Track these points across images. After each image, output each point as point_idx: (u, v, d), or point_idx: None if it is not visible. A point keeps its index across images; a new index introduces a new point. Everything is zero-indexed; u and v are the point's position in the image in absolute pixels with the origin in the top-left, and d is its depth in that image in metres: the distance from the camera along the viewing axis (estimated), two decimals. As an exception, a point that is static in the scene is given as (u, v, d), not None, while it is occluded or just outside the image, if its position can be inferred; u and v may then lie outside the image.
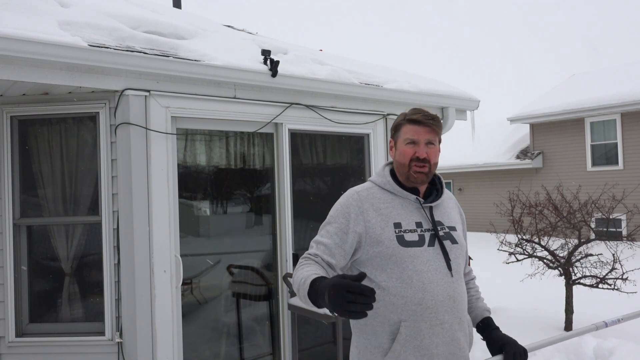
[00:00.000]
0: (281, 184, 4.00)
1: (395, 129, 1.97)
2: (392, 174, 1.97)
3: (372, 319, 1.81)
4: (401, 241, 1.82)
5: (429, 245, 1.84)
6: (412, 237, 1.84)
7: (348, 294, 1.39)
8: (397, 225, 1.85)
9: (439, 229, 1.90)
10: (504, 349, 1.87)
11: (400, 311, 1.78)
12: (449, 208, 2.01)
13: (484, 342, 1.99)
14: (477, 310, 2.03)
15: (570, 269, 5.90)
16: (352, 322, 1.91)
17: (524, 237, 6.35)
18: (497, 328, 1.96)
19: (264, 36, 5.71)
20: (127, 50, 3.15)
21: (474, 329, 2.01)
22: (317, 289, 1.54)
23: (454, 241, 1.91)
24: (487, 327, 1.98)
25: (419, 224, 1.87)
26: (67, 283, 3.49)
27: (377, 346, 1.80)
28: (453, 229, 1.95)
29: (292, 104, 3.97)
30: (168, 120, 3.39)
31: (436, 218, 1.93)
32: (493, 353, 1.90)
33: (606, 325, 2.19)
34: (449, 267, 1.85)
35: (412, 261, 1.80)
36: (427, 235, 1.86)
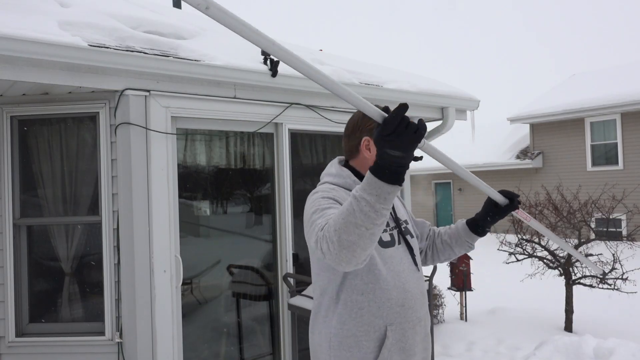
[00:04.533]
0: (281, 184, 4.00)
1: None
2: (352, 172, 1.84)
3: (355, 329, 1.70)
4: (380, 242, 1.74)
5: (398, 244, 1.79)
6: (386, 237, 1.76)
7: (408, 127, 1.26)
8: None
9: (401, 225, 1.86)
10: (499, 198, 1.84)
11: (385, 315, 1.71)
12: (397, 202, 1.97)
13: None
14: (456, 226, 2.00)
15: (570, 268, 5.90)
16: (327, 335, 1.74)
17: (524, 237, 6.35)
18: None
19: (264, 36, 5.70)
20: (127, 50, 3.15)
21: (474, 234, 1.95)
22: (379, 168, 1.31)
23: (412, 235, 1.88)
24: (475, 217, 1.94)
25: (387, 223, 1.78)
26: (67, 283, 3.49)
27: (360, 358, 1.69)
28: (407, 222, 1.92)
29: (292, 104, 3.97)
30: (168, 120, 3.39)
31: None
32: (491, 213, 1.87)
33: None
34: (415, 263, 1.82)
35: (391, 262, 1.74)
36: (395, 234, 1.80)
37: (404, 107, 1.26)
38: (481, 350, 4.89)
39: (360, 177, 1.81)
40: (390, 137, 1.27)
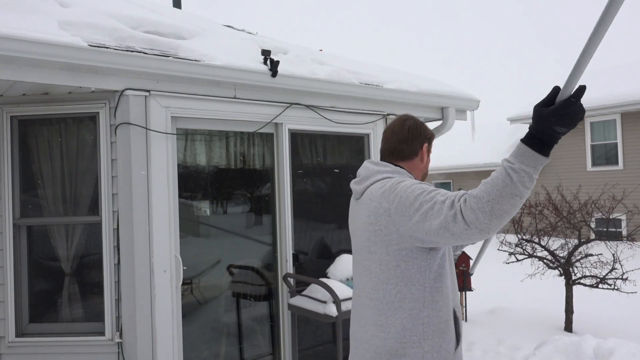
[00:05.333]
0: (281, 184, 4.00)
1: (431, 141, 2.03)
2: None
3: (445, 314, 1.76)
4: None
5: None
6: None
7: (580, 108, 1.37)
8: None
9: None
10: None
11: (453, 298, 1.83)
12: None
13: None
14: None
15: (570, 269, 5.90)
16: (419, 327, 1.73)
17: (524, 237, 6.35)
18: None
19: (264, 36, 5.71)
20: (127, 50, 3.15)
21: None
22: (539, 142, 1.41)
23: None
24: None
25: None
26: (67, 283, 3.50)
27: (449, 341, 1.76)
28: None
29: (292, 104, 3.97)
30: (168, 120, 3.39)
31: None
32: None
33: None
34: None
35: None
36: None
37: (584, 89, 1.36)
38: (481, 350, 4.90)
39: None
40: (565, 116, 1.37)
